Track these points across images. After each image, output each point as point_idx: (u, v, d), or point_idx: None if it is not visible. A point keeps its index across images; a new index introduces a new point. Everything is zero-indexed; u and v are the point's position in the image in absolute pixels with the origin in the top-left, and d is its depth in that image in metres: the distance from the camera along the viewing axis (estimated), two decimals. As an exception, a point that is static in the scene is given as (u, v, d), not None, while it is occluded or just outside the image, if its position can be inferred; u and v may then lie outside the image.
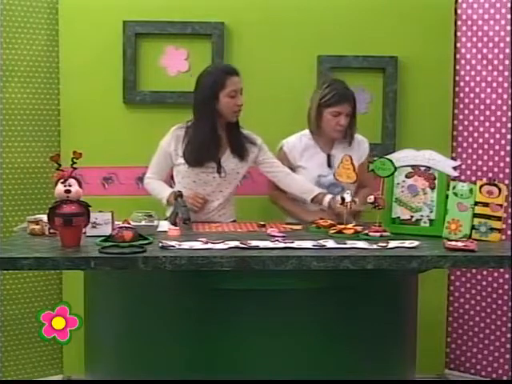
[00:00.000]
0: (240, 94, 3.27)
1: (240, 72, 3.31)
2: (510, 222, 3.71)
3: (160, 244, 2.65)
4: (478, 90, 3.82)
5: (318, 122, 3.40)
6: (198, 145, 3.25)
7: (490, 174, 3.73)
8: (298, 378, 2.69)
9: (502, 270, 3.75)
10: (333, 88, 3.37)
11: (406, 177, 3.07)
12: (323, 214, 3.25)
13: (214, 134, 3.26)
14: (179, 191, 3.14)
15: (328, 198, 3.28)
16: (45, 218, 2.77)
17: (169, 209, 3.25)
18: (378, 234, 2.88)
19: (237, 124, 3.34)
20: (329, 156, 3.41)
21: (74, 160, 2.65)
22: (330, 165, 3.39)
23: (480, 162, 3.83)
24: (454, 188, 3.00)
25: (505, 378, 3.82)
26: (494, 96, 3.78)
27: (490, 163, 3.80)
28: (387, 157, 3.04)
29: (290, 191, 3.42)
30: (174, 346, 2.74)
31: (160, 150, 3.35)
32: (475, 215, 2.94)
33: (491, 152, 3.80)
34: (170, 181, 3.43)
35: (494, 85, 3.78)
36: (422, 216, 3.03)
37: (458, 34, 3.85)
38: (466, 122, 3.88)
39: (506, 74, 3.73)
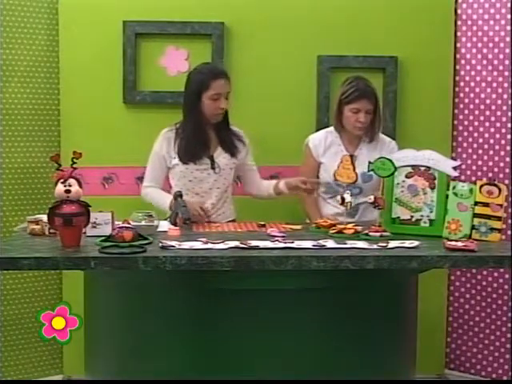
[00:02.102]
0: (225, 97, 3.26)
1: (229, 75, 3.32)
2: (510, 221, 3.71)
3: (160, 244, 2.65)
4: (478, 89, 3.82)
5: (339, 118, 3.41)
6: (188, 142, 3.27)
7: (490, 174, 3.73)
8: (298, 378, 2.70)
9: (502, 270, 3.75)
10: (353, 85, 3.37)
11: (406, 177, 3.07)
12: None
13: (201, 131, 3.28)
14: (179, 191, 3.14)
15: (282, 182, 3.32)
16: (45, 218, 2.77)
17: None
18: (378, 233, 2.88)
19: (226, 122, 3.36)
20: (351, 157, 3.40)
21: (74, 160, 2.65)
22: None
23: (480, 162, 3.83)
24: (453, 188, 3.00)
25: (505, 378, 3.82)
26: (494, 96, 3.78)
27: (490, 163, 3.80)
28: (387, 157, 3.04)
29: (257, 194, 3.48)
30: (174, 346, 2.74)
31: (153, 156, 3.36)
32: (475, 215, 2.94)
33: (491, 152, 3.80)
34: (168, 186, 3.43)
35: (494, 85, 3.78)
36: (422, 216, 3.03)
37: (458, 34, 3.85)
38: (466, 122, 3.88)
39: (506, 73, 3.73)
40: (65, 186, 2.61)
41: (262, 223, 3.15)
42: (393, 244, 2.74)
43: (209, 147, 3.33)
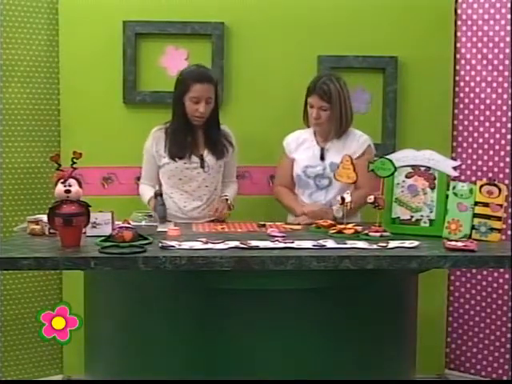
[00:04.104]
0: (206, 102, 3.28)
1: (214, 80, 3.33)
2: (510, 222, 3.71)
3: (160, 244, 2.65)
4: (477, 89, 3.82)
5: (306, 113, 3.41)
6: (175, 141, 3.32)
7: (490, 174, 3.73)
8: (298, 378, 2.69)
9: (501, 270, 3.75)
10: (313, 80, 3.37)
11: (406, 177, 3.07)
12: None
13: (186, 131, 3.33)
14: (159, 190, 3.21)
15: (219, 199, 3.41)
16: (45, 218, 2.77)
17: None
18: (378, 234, 2.88)
19: (216, 124, 3.39)
20: (322, 149, 3.40)
21: (74, 160, 2.65)
22: (322, 158, 3.39)
23: (480, 162, 3.83)
24: (453, 188, 3.00)
25: (505, 378, 3.82)
26: (494, 96, 3.78)
27: (490, 163, 3.80)
28: (387, 157, 3.04)
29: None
30: (174, 346, 2.74)
31: (146, 155, 3.43)
32: (475, 215, 2.94)
33: (491, 152, 3.80)
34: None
35: (494, 85, 3.78)
36: (422, 216, 3.03)
37: (458, 34, 3.85)
38: (466, 122, 3.88)
39: (506, 73, 3.73)
40: (65, 186, 2.61)
41: (262, 223, 3.16)
42: (393, 244, 2.74)
43: (197, 146, 3.37)
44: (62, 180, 2.62)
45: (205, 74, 3.35)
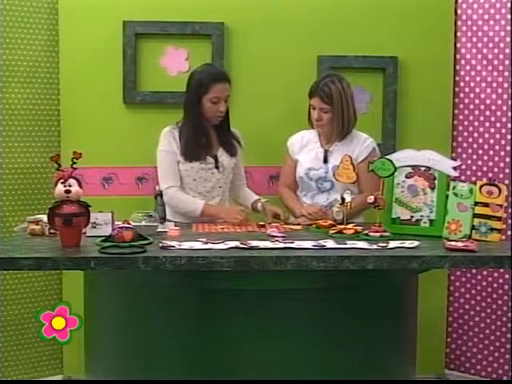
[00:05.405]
0: (224, 100, 3.28)
1: (229, 78, 3.33)
2: (510, 222, 3.71)
3: (160, 244, 2.65)
4: (478, 90, 3.82)
5: (309, 115, 3.41)
6: (190, 141, 3.29)
7: (490, 174, 3.73)
8: (298, 378, 2.69)
9: (501, 270, 3.75)
10: (315, 81, 3.37)
11: (406, 177, 3.07)
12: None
13: (201, 132, 3.31)
14: (160, 190, 3.16)
15: (259, 203, 3.36)
16: (45, 218, 2.78)
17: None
18: (378, 234, 2.88)
19: (227, 123, 3.39)
20: (326, 152, 3.40)
21: (74, 160, 2.65)
22: (325, 161, 3.38)
23: (480, 162, 3.83)
24: (453, 188, 3.00)
25: (505, 378, 3.82)
26: (494, 96, 3.78)
27: (490, 163, 3.80)
28: (387, 157, 3.04)
29: (234, 197, 3.51)
30: (174, 346, 2.74)
31: (165, 155, 3.32)
32: (475, 215, 2.94)
33: (491, 152, 3.80)
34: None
35: (494, 85, 3.78)
36: (422, 216, 3.03)
37: (458, 34, 3.85)
38: (466, 122, 3.88)
39: (506, 74, 3.73)
40: (65, 186, 2.61)
41: (262, 223, 3.16)
42: (393, 244, 2.74)
43: (211, 147, 3.35)
44: (62, 180, 2.62)
45: (222, 73, 3.36)
